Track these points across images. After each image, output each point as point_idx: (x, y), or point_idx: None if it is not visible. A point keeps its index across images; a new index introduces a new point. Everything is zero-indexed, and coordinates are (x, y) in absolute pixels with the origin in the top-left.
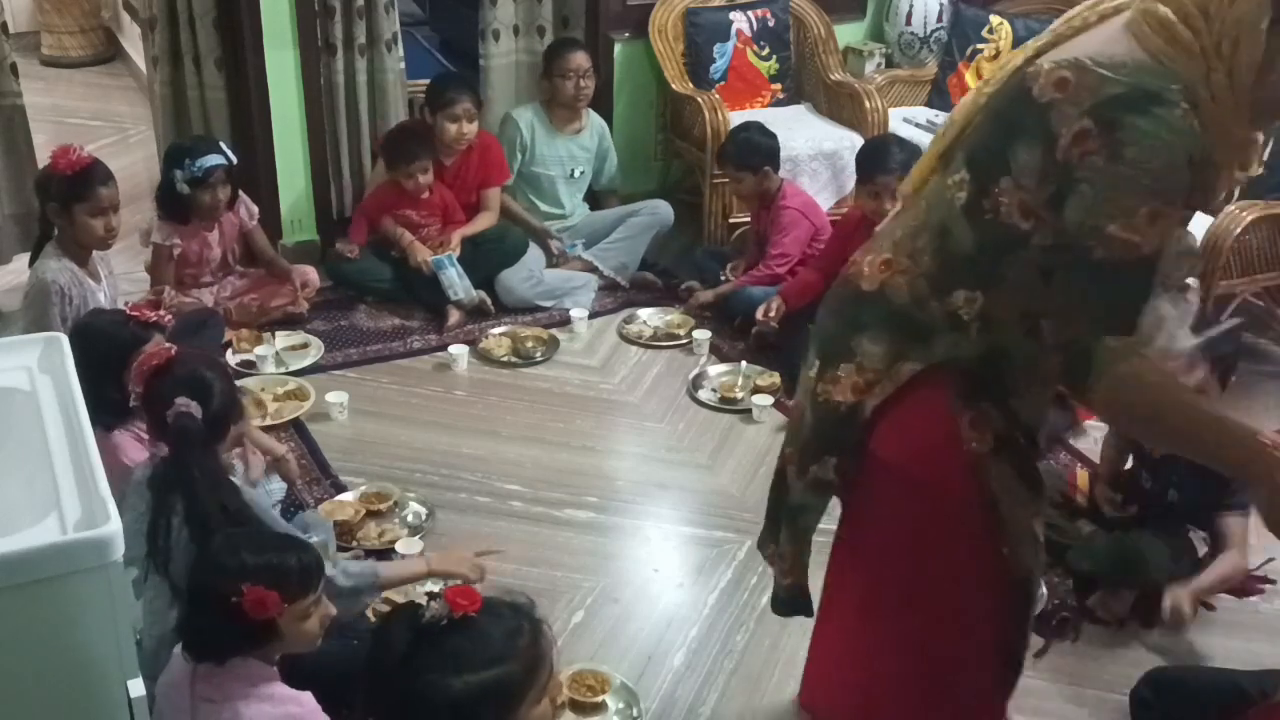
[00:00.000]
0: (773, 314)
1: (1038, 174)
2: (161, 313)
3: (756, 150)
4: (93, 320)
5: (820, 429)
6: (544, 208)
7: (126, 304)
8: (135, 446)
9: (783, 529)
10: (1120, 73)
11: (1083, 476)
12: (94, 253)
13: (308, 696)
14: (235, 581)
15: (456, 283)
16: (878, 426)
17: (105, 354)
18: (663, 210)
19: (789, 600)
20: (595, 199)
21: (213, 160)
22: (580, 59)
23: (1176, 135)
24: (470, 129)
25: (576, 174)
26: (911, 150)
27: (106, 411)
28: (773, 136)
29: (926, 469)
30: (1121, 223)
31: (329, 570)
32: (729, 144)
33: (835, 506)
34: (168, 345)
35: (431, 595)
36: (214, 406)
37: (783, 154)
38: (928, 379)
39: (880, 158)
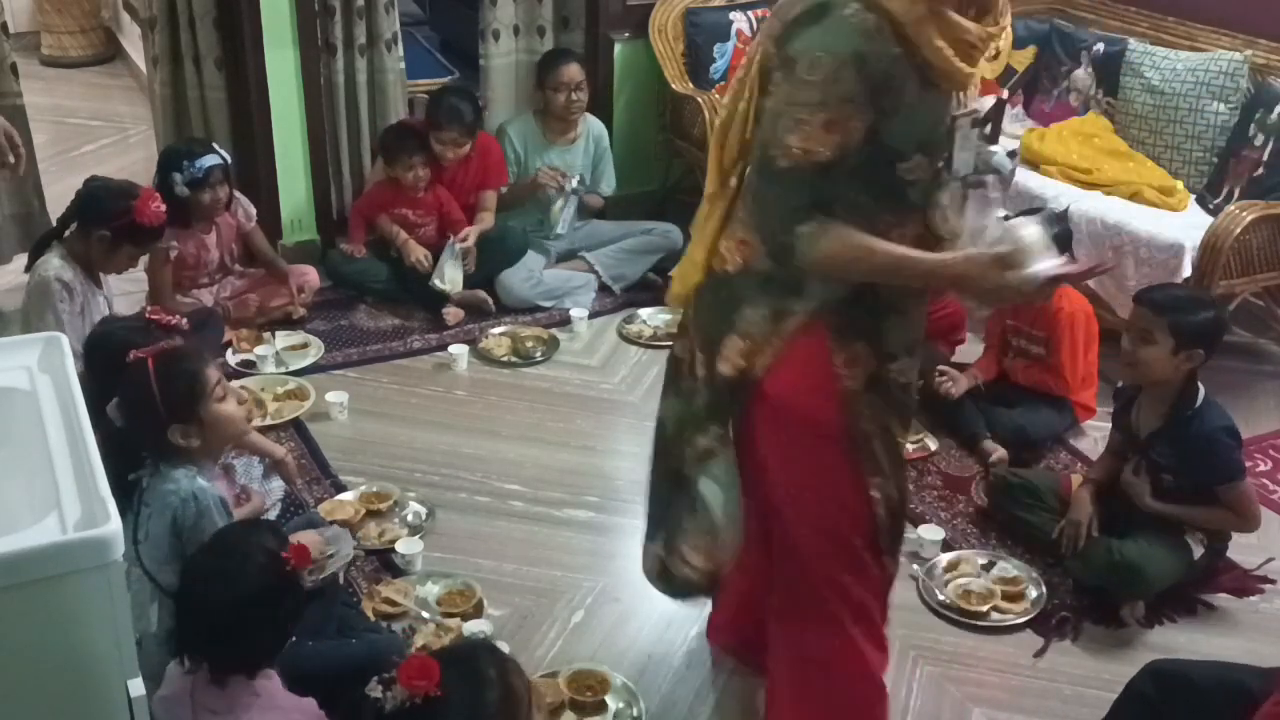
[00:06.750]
0: None
1: None
2: (179, 318)
3: None
4: (111, 327)
5: (714, 402)
6: (536, 214)
7: (147, 309)
8: None
9: (690, 514)
10: None
11: (1076, 480)
12: None
13: (310, 703)
14: (277, 556)
15: (445, 270)
16: (768, 375)
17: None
18: (674, 235)
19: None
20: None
21: (210, 160)
22: (572, 72)
23: (841, 39)
24: (458, 153)
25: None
26: None
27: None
28: None
29: (807, 403)
30: (801, 134)
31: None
32: None
33: None
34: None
35: (384, 681)
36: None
37: None
38: (809, 328)
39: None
